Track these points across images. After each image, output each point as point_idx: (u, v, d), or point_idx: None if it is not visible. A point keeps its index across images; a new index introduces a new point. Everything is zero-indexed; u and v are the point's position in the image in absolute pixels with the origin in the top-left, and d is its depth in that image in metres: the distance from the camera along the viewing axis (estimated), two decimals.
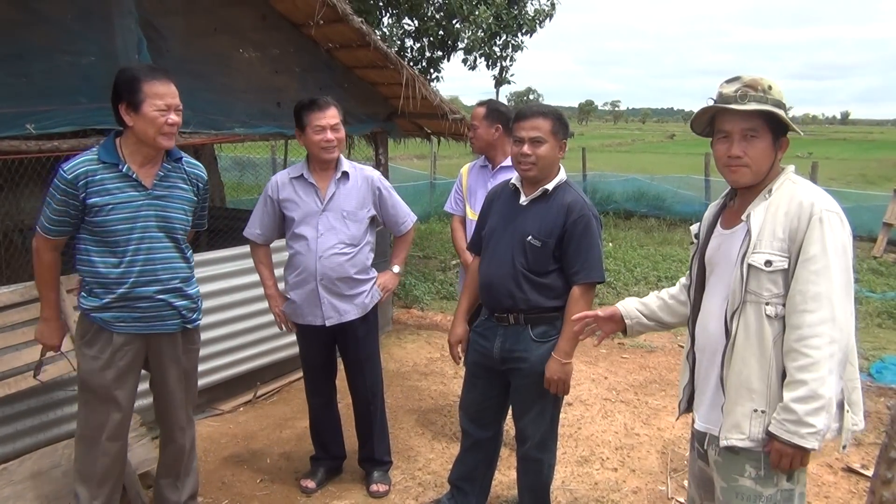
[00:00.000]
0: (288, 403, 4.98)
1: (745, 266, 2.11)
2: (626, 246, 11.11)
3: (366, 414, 3.80)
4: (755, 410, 2.11)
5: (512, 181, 3.15)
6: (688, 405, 2.44)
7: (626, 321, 2.62)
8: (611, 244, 11.20)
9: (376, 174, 3.67)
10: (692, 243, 2.44)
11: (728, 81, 2.18)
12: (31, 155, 3.76)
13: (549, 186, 3.01)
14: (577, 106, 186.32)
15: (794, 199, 2.09)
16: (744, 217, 2.16)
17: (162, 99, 2.75)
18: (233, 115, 4.77)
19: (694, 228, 2.46)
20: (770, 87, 2.12)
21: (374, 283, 3.68)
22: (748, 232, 2.12)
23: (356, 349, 3.68)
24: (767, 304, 2.09)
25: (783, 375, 2.07)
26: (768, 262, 2.08)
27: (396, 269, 3.79)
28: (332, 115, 3.43)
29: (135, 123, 2.77)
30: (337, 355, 3.79)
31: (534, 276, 2.98)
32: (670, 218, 13.38)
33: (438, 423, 4.69)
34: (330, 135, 3.42)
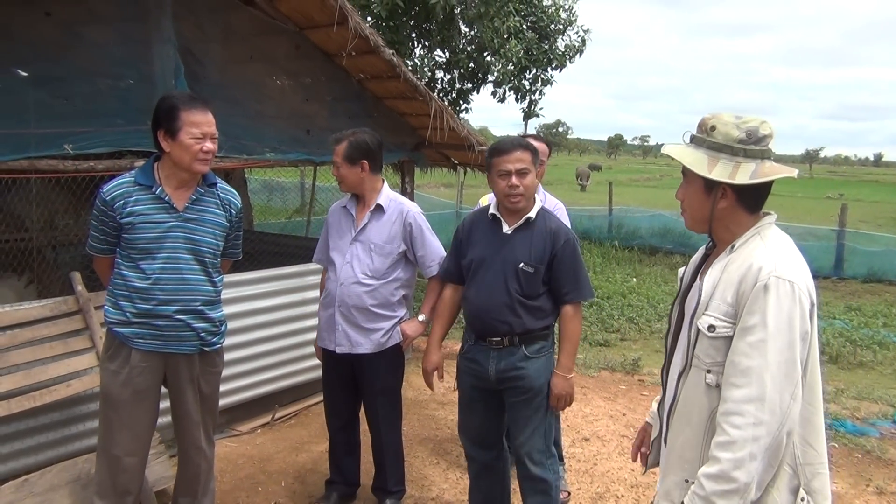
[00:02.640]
0: (305, 427, 5.01)
1: (693, 328, 1.97)
2: (651, 282, 11.06)
3: (378, 446, 3.82)
4: (686, 481, 1.95)
5: (490, 211, 3.24)
6: (656, 460, 2.28)
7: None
8: (634, 279, 11.16)
9: (413, 210, 3.70)
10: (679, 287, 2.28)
11: None
12: (68, 174, 3.88)
13: (532, 215, 3.14)
14: (606, 140, 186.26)
15: (747, 260, 1.89)
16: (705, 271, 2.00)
17: (198, 127, 2.85)
18: (264, 141, 4.88)
19: (681, 272, 2.29)
20: (713, 128, 1.94)
21: (398, 322, 3.67)
22: (699, 291, 1.97)
23: (371, 382, 3.69)
24: (708, 371, 1.92)
25: None
26: (712, 327, 1.91)
27: (422, 317, 3.69)
28: (336, 153, 3.55)
29: (172, 149, 2.87)
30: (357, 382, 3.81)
31: (527, 301, 3.10)
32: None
33: (454, 452, 4.69)
34: (335, 171, 3.60)
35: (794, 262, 1.89)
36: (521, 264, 3.07)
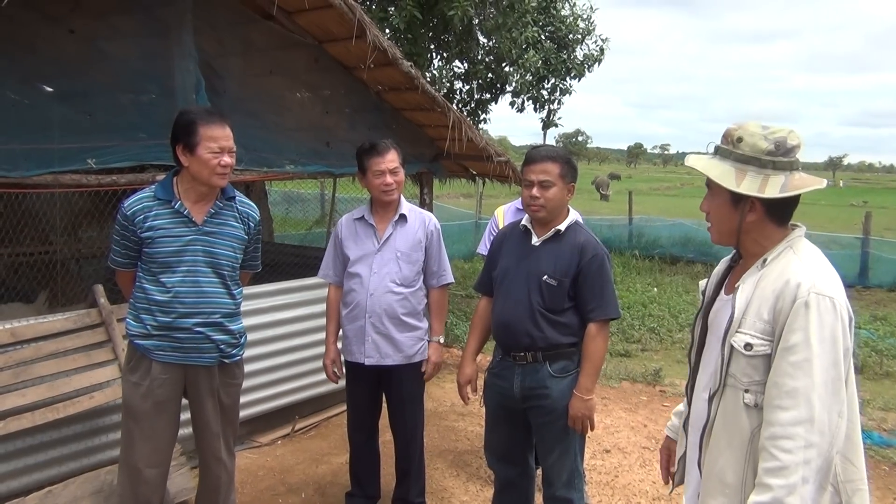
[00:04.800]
0: (325, 438, 5.01)
1: (726, 346, 1.90)
2: (672, 291, 10.96)
3: (405, 454, 3.82)
4: None
5: (522, 222, 3.21)
6: (682, 478, 2.23)
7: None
8: (655, 289, 11.07)
9: (434, 220, 3.76)
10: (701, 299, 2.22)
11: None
12: (91, 188, 3.92)
13: (561, 227, 3.08)
14: (625, 149, 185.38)
15: (783, 276, 1.83)
16: (737, 286, 1.95)
17: (216, 142, 2.88)
18: (284, 154, 4.91)
19: (702, 284, 2.23)
20: (740, 139, 1.89)
21: (425, 335, 3.71)
22: (733, 307, 1.91)
23: (399, 389, 3.71)
24: (746, 391, 1.86)
25: None
26: (748, 346, 1.85)
27: (441, 339, 3.78)
28: (391, 160, 3.52)
29: (190, 164, 2.90)
30: (382, 394, 3.82)
31: (550, 315, 3.02)
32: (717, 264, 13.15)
33: (474, 464, 4.67)
34: (389, 178, 3.52)
35: (831, 276, 1.84)
36: (545, 277, 3.01)
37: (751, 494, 1.79)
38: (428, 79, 5.45)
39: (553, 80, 10.09)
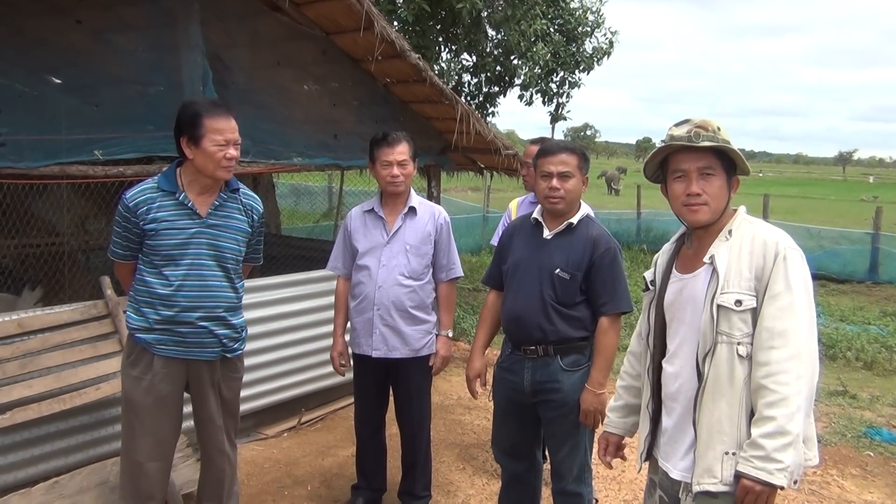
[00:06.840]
0: (331, 431, 5.01)
1: (714, 307, 2.11)
2: None
3: (411, 447, 3.81)
4: (726, 453, 2.08)
5: (533, 215, 3.19)
6: (648, 455, 2.39)
7: (625, 437, 2.66)
8: None
9: (444, 213, 3.74)
10: (646, 290, 2.42)
11: (677, 124, 2.22)
12: (98, 180, 3.92)
13: (574, 220, 3.07)
14: (634, 143, 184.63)
15: (756, 239, 2.12)
16: (706, 259, 2.18)
17: (221, 134, 2.84)
18: (291, 146, 4.90)
19: (648, 275, 2.43)
20: (719, 129, 2.15)
21: (434, 328, 3.69)
22: (714, 273, 2.14)
23: (406, 383, 3.70)
24: (739, 343, 2.09)
25: (752, 415, 2.05)
26: (738, 302, 2.08)
27: (450, 333, 3.75)
28: (400, 151, 3.49)
29: (195, 157, 2.86)
30: (389, 387, 3.82)
31: (563, 308, 3.01)
32: None
33: (480, 458, 4.66)
34: (396, 170, 3.50)
35: (790, 237, 2.14)
36: (557, 270, 3.00)
37: (752, 430, 2.01)
38: (436, 71, 5.42)
39: (562, 74, 10.03)
